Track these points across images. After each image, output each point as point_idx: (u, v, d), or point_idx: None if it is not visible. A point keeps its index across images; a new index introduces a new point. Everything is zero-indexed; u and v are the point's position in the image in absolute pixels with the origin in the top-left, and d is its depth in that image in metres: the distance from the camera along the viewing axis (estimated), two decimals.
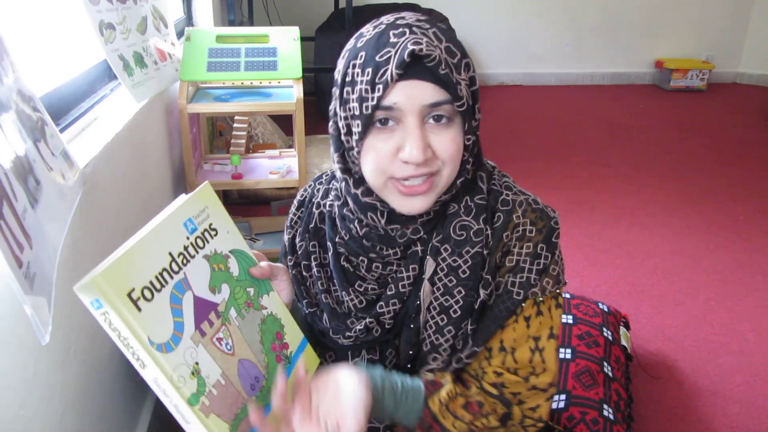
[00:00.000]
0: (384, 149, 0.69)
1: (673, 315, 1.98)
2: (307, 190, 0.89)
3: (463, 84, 0.68)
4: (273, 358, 0.72)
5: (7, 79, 0.79)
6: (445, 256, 0.76)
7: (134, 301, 0.56)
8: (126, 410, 1.30)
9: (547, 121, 4.14)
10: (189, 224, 0.66)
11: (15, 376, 0.80)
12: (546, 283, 0.76)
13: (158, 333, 0.58)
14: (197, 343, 0.62)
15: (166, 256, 0.62)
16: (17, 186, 0.73)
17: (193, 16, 2.78)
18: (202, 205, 0.69)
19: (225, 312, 0.67)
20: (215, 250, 0.69)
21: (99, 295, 0.54)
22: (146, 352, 0.56)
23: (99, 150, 1.19)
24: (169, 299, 0.60)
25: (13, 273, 0.64)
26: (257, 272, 0.74)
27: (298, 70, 1.90)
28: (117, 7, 1.46)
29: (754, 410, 1.58)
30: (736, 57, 5.10)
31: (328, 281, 0.83)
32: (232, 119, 2.49)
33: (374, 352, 0.82)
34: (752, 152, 3.52)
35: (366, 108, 0.67)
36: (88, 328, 1.09)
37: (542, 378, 0.77)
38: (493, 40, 4.90)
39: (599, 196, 2.89)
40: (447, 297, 0.76)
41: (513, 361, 0.77)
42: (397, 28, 0.68)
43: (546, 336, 0.77)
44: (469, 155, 0.73)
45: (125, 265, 0.57)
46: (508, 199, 0.78)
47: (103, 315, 0.56)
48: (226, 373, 0.64)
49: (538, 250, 0.76)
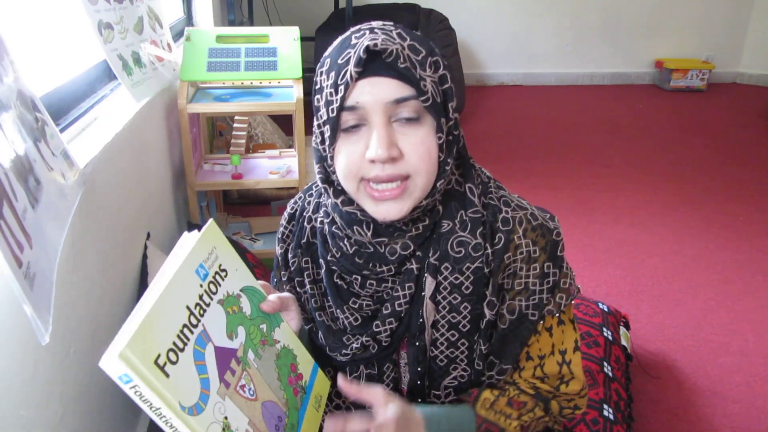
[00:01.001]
0: (353, 151, 0.68)
1: (673, 315, 1.98)
2: (297, 203, 0.87)
3: (428, 80, 0.67)
4: (291, 392, 0.71)
5: (7, 79, 0.79)
6: (446, 274, 0.75)
7: (161, 368, 0.54)
8: (126, 410, 1.30)
9: (547, 121, 4.13)
10: (201, 270, 0.64)
11: (15, 376, 0.80)
12: (559, 298, 0.77)
13: (187, 396, 0.56)
14: (223, 396, 0.60)
15: (184, 311, 0.60)
16: (17, 186, 0.73)
17: (193, 16, 2.78)
18: (210, 247, 0.66)
19: (244, 356, 0.66)
20: (228, 293, 0.67)
21: (128, 370, 0.52)
22: (179, 419, 0.55)
23: (99, 150, 1.19)
24: (193, 356, 0.58)
25: (13, 273, 0.64)
26: (268, 308, 0.72)
27: (298, 70, 1.90)
28: (114, 7, 1.46)
29: (754, 410, 1.58)
30: (736, 57, 5.10)
31: (322, 298, 0.82)
32: (232, 119, 2.49)
33: (372, 367, 0.82)
34: (752, 152, 3.52)
35: (331, 111, 0.67)
36: (88, 328, 1.09)
37: (572, 386, 0.81)
38: (493, 40, 4.90)
39: (599, 196, 2.89)
40: (454, 314, 0.76)
41: (542, 373, 0.80)
42: (360, 32, 0.69)
43: (572, 349, 0.81)
44: (447, 155, 0.71)
45: (148, 331, 0.55)
46: (507, 218, 0.76)
47: (133, 389, 0.53)
48: (252, 420, 0.63)
49: (545, 270, 0.76)
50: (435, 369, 0.79)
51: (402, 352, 0.82)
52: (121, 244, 1.32)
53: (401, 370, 0.83)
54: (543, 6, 4.81)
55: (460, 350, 0.78)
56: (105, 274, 1.19)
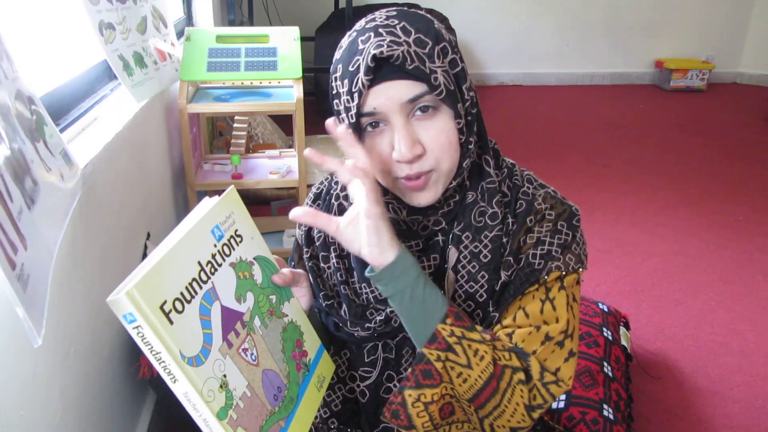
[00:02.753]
0: (381, 151, 0.71)
1: (673, 315, 1.98)
2: (324, 183, 0.89)
3: (439, 72, 0.68)
4: (293, 367, 0.72)
5: (7, 79, 0.79)
6: (467, 243, 0.77)
7: (166, 314, 0.55)
8: (126, 410, 1.30)
9: (547, 121, 4.14)
10: (216, 231, 0.65)
11: (15, 376, 0.80)
12: (569, 259, 0.75)
13: (189, 346, 0.57)
14: (225, 355, 0.61)
15: (195, 266, 0.61)
16: (13, 187, 0.72)
17: (193, 16, 2.78)
18: (228, 211, 0.68)
19: (250, 321, 0.66)
20: (240, 258, 0.68)
21: (132, 309, 0.53)
22: (178, 366, 0.55)
23: (99, 150, 1.19)
24: (199, 310, 0.59)
25: (6, 275, 0.64)
26: (279, 280, 0.73)
27: (298, 70, 1.90)
28: (117, 7, 1.46)
29: (754, 410, 1.58)
30: (736, 57, 5.10)
31: (347, 273, 0.83)
32: (232, 119, 2.49)
33: (390, 351, 0.82)
34: (752, 152, 3.52)
35: (351, 117, 0.70)
36: (88, 328, 1.09)
37: (554, 326, 0.73)
38: (494, 40, 4.90)
39: (599, 196, 2.89)
40: (471, 283, 0.77)
41: (524, 316, 0.74)
42: (364, 33, 0.69)
43: (557, 288, 0.75)
44: (468, 135, 0.73)
45: (157, 276, 0.56)
46: (528, 191, 0.80)
47: (135, 329, 0.54)
48: (251, 384, 0.64)
49: (558, 227, 0.77)
50: None
51: None
52: (121, 244, 1.32)
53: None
54: (543, 6, 4.81)
55: (475, 322, 0.78)
56: (105, 274, 1.19)
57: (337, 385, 0.86)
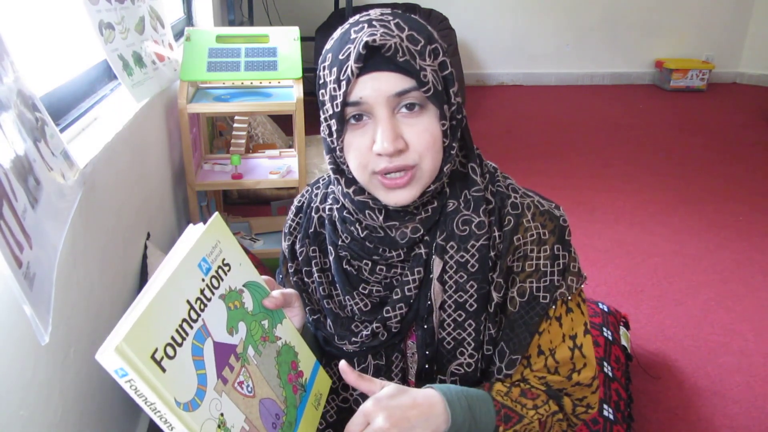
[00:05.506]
0: (361, 145, 0.70)
1: (673, 315, 1.98)
2: (305, 195, 0.88)
3: (428, 70, 0.68)
4: (290, 390, 0.71)
5: (7, 79, 0.79)
6: (452, 253, 0.76)
7: (158, 362, 0.53)
8: (126, 410, 1.30)
9: (547, 121, 4.14)
10: (203, 264, 0.62)
11: (15, 376, 0.80)
12: (570, 281, 0.77)
13: (183, 392, 0.55)
14: (220, 392, 0.60)
15: (184, 305, 0.59)
16: (17, 186, 0.73)
17: (193, 16, 2.78)
18: (214, 240, 0.65)
19: (243, 352, 0.65)
20: (230, 287, 0.66)
21: (123, 364, 0.51)
22: (174, 414, 0.54)
23: (99, 150, 1.19)
24: (191, 352, 0.57)
25: (13, 273, 0.64)
26: (270, 304, 0.72)
27: (298, 70, 1.90)
28: (116, 7, 1.46)
29: (754, 410, 1.58)
30: (736, 57, 5.10)
31: (330, 286, 0.83)
32: (232, 119, 2.49)
33: (380, 357, 0.82)
34: (752, 152, 3.52)
35: (336, 106, 0.69)
36: (88, 328, 1.09)
37: (584, 373, 0.79)
38: (494, 40, 4.90)
39: (599, 196, 2.89)
40: (460, 293, 0.77)
41: (554, 362, 0.79)
42: (358, 25, 0.70)
43: (582, 333, 0.79)
44: (451, 140, 0.72)
45: (146, 324, 0.54)
46: (516, 203, 0.78)
47: (128, 383, 0.52)
48: (249, 417, 0.63)
49: (555, 252, 0.77)
50: (443, 353, 0.79)
51: (409, 342, 0.82)
52: (121, 244, 1.32)
53: (408, 360, 0.83)
54: (543, 6, 4.81)
55: (467, 332, 0.78)
56: (105, 274, 1.19)
57: (331, 396, 0.86)
